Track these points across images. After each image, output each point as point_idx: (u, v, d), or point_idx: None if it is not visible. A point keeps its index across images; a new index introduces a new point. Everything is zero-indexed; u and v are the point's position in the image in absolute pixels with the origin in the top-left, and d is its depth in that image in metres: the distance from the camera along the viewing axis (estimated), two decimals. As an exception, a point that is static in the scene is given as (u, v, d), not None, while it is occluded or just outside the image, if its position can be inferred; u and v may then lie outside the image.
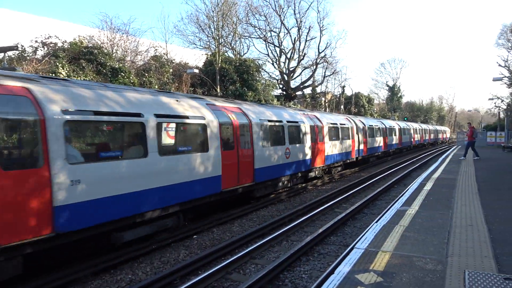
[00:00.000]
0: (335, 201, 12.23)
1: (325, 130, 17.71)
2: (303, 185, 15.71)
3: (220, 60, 30.45)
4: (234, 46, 39.98)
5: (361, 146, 22.86)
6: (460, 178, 13.01)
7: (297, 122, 14.69)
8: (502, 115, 43.60)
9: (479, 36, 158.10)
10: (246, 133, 11.12)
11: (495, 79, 23.87)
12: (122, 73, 21.34)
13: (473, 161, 19.46)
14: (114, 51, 24.69)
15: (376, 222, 7.11)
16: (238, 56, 37.98)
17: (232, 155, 10.28)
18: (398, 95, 79.21)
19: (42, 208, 5.64)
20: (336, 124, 19.24)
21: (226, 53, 36.95)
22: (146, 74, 23.62)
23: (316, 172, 16.84)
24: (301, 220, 9.71)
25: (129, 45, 26.25)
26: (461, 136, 45.81)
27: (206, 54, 34.15)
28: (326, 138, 17.69)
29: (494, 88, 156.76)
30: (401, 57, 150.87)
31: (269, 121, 12.54)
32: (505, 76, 42.51)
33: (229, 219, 10.36)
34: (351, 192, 13.94)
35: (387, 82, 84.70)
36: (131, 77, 21.83)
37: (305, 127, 15.20)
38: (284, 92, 43.25)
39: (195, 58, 34.02)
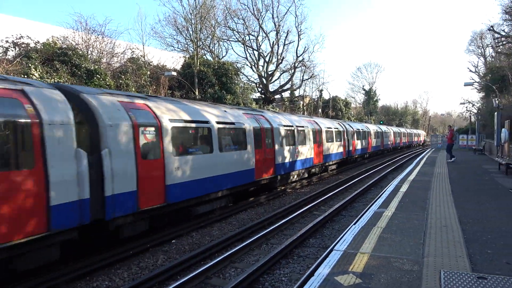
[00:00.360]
0: (314, 203, 12.33)
1: (324, 133, 20.00)
2: (283, 188, 15.77)
3: (198, 63, 30.32)
4: (213, 49, 39.92)
5: (351, 148, 25.56)
6: (434, 180, 13.36)
7: (303, 126, 17.21)
8: (473, 119, 45.08)
9: (451, 42, 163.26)
10: (269, 135, 13.83)
11: (466, 84, 24.71)
12: (97, 75, 20.94)
13: (446, 163, 20.02)
14: (89, 52, 24.21)
15: (354, 224, 7.21)
16: (216, 59, 37.90)
17: (261, 153, 13.03)
18: (374, 99, 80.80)
19: (160, 185, 8.25)
20: (331, 128, 21.74)
21: (204, 56, 36.81)
22: (123, 76, 23.26)
23: (317, 169, 19.04)
24: (280, 223, 9.75)
25: (105, 46, 25.79)
26: (434, 139, 47.09)
27: (184, 56, 33.95)
28: (324, 140, 20.01)
29: (465, 92, 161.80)
30: (377, 61, 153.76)
31: (284, 125, 15.14)
32: (476, 81, 44.08)
33: (209, 223, 10.30)
34: (330, 194, 14.09)
35: (363, 86, 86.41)
36: (107, 79, 21.44)
37: (309, 131, 17.77)
38: (263, 96, 43.44)
39: (173, 60, 33.77)
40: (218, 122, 10.73)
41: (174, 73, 23.85)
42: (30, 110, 5.90)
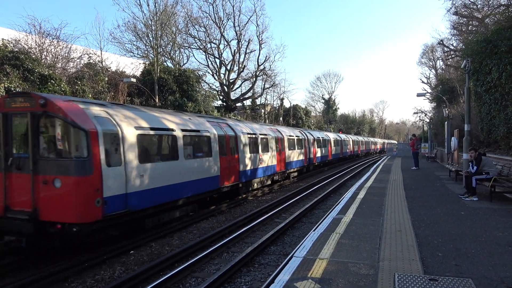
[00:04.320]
0: (275, 211, 12.43)
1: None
2: (244, 195, 15.78)
3: (158, 69, 29.92)
4: (174, 56, 39.51)
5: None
6: (390, 186, 13.88)
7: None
8: (426, 128, 47.31)
9: (406, 54, 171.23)
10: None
11: (418, 95, 25.93)
12: (52, 81, 20.12)
13: (401, 171, 20.87)
14: (43, 57, 23.23)
15: (314, 230, 7.35)
16: (177, 66, 37.56)
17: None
18: (334, 108, 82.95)
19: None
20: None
21: (165, 63, 36.37)
22: (79, 82, 22.49)
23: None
24: (241, 231, 9.74)
25: (60, 51, 24.84)
26: (390, 146, 48.90)
27: (144, 63, 33.37)
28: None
29: (419, 102, 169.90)
30: (336, 71, 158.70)
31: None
32: (428, 92, 46.36)
33: (168, 232, 10.12)
34: (290, 202, 14.25)
35: (323, 95, 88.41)
36: (62, 85, 20.65)
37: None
38: (225, 103, 43.48)
39: (133, 67, 33.10)
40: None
41: (134, 80, 23.37)
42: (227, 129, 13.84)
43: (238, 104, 47.71)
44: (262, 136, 17.23)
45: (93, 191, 7.39)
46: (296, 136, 22.89)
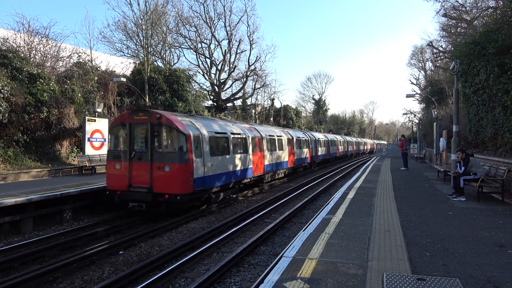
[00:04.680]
0: (265, 211, 12.44)
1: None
2: (234, 196, 15.79)
3: (149, 69, 29.75)
4: (164, 56, 39.37)
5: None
6: (379, 186, 13.98)
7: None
8: (415, 129, 47.75)
9: (396, 55, 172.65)
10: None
11: (408, 96, 26.13)
12: (41, 79, 19.88)
13: (390, 171, 21.04)
14: (32, 55, 22.94)
15: (304, 230, 7.37)
16: (168, 66, 37.40)
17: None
18: (324, 109, 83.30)
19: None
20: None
21: (155, 63, 36.19)
22: (68, 81, 22.25)
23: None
24: (231, 231, 9.74)
25: (49, 49, 24.54)
26: (379, 146, 49.30)
27: (134, 62, 33.18)
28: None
29: (408, 103, 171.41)
30: (327, 71, 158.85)
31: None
32: (417, 93, 46.81)
33: (158, 233, 10.07)
34: (281, 202, 14.28)
35: (313, 95, 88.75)
36: (51, 84, 20.41)
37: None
38: (215, 103, 43.39)
39: (123, 66, 32.87)
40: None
41: (124, 79, 23.20)
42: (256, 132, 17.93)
43: (229, 104, 47.68)
44: (278, 137, 21.64)
45: (189, 174, 11.45)
46: (302, 137, 27.37)
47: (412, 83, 61.07)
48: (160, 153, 11.60)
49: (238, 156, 15.36)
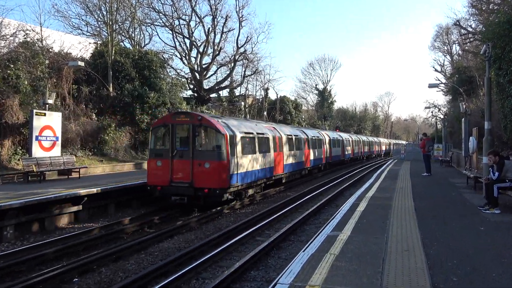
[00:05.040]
0: (256, 227, 12.42)
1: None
2: (218, 208, 15.79)
3: (113, 51, 29.55)
4: (133, 35, 39.13)
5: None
6: (396, 196, 14.04)
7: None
8: (439, 126, 48.06)
9: (416, 37, 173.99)
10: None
11: (431, 86, 26.33)
12: (-24, 63, 19.60)
13: (409, 177, 21.15)
14: (-35, 33, 22.60)
15: (304, 251, 7.34)
16: (137, 47, 37.20)
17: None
18: (329, 101, 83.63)
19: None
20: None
21: (121, 43, 35.97)
22: (12, 66, 21.97)
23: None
24: (215, 252, 9.68)
25: (-12, 26, 24.22)
26: (396, 147, 49.61)
27: (95, 43, 32.90)
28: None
29: (431, 95, 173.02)
30: (333, 56, 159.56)
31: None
32: (442, 83, 47.18)
33: (123, 254, 9.97)
34: (276, 215, 14.28)
35: (316, 85, 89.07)
36: (-10, 69, 20.14)
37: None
38: (196, 94, 43.24)
39: (81, 47, 32.50)
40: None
41: (82, 63, 23.00)
42: (275, 132, 22.65)
43: (213, 95, 47.59)
44: (296, 137, 25.76)
45: (226, 170, 15.39)
46: (316, 137, 31.66)
47: (436, 70, 61.64)
48: (200, 151, 15.71)
49: (262, 155, 19.31)
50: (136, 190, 16.77)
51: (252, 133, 18.49)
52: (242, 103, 50.93)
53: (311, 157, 29.16)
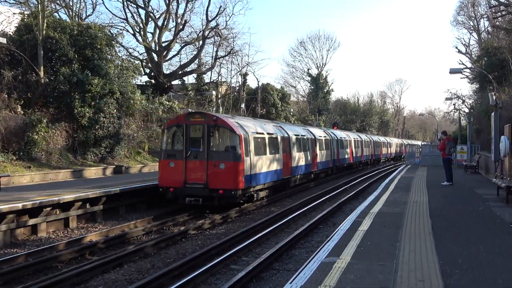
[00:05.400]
0: (230, 252, 12.39)
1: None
2: (182, 228, 15.73)
3: (45, 24, 29.18)
4: (71, 3, 38.73)
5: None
6: (408, 211, 14.17)
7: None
8: (463, 122, 48.55)
9: (435, 10, 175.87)
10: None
11: (452, 71, 26.56)
12: None
13: (425, 187, 21.37)
14: None
15: (290, 283, 7.35)
16: (77, 19, 36.85)
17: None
18: (325, 90, 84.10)
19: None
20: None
21: (56, 14, 35.58)
22: None
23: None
24: (176, 286, 9.62)
25: None
26: (410, 149, 50.16)
27: (21, 13, 32.46)
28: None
29: (453, 83, 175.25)
30: (329, 33, 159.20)
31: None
32: (466, 67, 47.73)
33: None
34: (256, 237, 14.26)
35: (308, 69, 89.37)
36: None
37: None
38: (153, 81, 42.97)
39: (2, 18, 32.10)
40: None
41: (4, 40, 22.69)
42: (283, 131, 27.37)
43: (175, 82, 47.42)
44: (302, 137, 30.02)
45: (242, 171, 18.84)
46: (324, 137, 36.94)
47: (459, 51, 62.52)
48: (215, 152, 19.40)
49: (271, 156, 23.20)
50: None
51: (262, 133, 22.66)
52: (214, 92, 50.91)
53: (318, 159, 33.78)
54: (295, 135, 28.43)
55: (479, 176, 28.77)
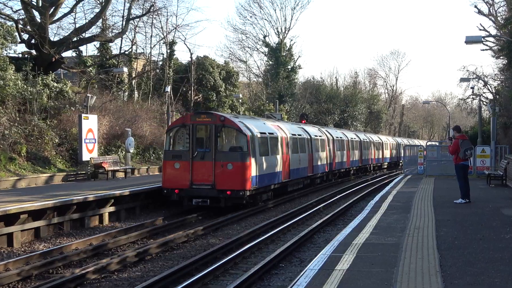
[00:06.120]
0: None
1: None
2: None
3: None
4: None
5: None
6: (407, 242, 14.25)
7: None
8: (485, 113, 49.06)
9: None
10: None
11: (470, 40, 26.74)
12: None
13: (431, 206, 21.60)
14: None
15: None
16: None
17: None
18: (289, 67, 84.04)
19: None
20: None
21: None
22: None
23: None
24: None
25: None
26: (408, 153, 50.75)
27: None
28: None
29: (472, 58, 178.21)
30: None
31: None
32: (490, 35, 48.36)
33: None
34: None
35: (265, 36, 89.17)
36: None
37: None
38: (35, 51, 42.31)
39: None
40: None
41: None
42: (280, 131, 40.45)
43: (67, 54, 46.71)
44: (299, 137, 39.61)
45: (249, 171, 28.60)
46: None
47: (480, 12, 63.43)
48: (222, 152, 27.03)
49: (273, 157, 31.20)
50: None
51: (264, 133, 31.19)
52: (125, 69, 50.21)
53: (314, 163, 43.78)
54: (292, 134, 38.17)
55: (507, 190, 29.10)
